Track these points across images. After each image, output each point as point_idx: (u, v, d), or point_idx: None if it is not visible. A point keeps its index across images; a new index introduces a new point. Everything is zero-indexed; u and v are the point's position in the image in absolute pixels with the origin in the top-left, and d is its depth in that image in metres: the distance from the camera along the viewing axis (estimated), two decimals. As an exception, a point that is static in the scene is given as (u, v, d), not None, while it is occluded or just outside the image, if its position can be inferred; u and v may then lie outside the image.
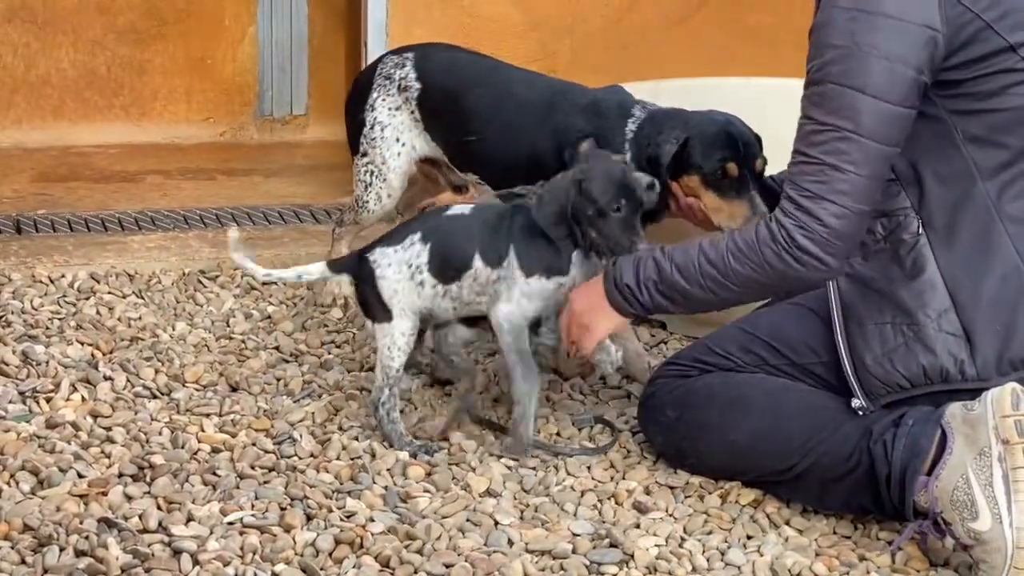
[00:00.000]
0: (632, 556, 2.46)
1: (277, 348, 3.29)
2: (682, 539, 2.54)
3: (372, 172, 3.44)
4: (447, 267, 2.79)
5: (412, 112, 3.40)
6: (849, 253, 2.51)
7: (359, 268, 2.84)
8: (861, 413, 2.58)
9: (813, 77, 2.46)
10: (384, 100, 3.42)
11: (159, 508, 2.55)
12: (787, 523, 2.62)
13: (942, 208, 2.52)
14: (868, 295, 2.58)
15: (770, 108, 3.01)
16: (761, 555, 2.49)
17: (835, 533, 2.60)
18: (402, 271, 2.80)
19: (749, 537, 2.56)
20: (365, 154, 3.46)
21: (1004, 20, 2.47)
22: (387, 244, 2.83)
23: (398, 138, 3.42)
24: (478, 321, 2.87)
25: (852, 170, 2.43)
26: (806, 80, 2.49)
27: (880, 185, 2.47)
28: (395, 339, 2.81)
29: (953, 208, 2.52)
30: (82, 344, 3.23)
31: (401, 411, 2.87)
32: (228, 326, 3.41)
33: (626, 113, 3.14)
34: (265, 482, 2.67)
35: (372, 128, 3.43)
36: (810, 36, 2.50)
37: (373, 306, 2.82)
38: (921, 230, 2.53)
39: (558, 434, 2.94)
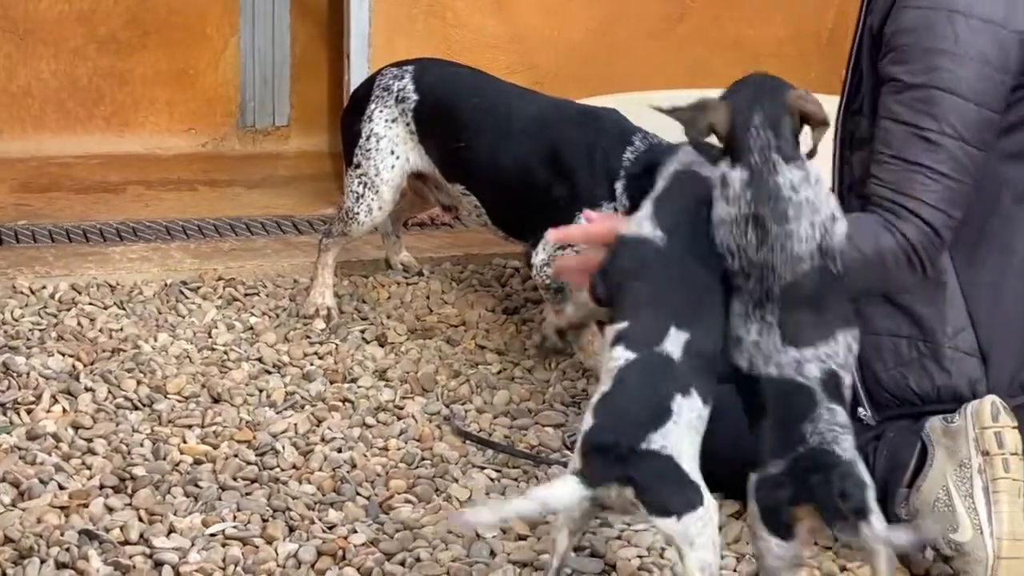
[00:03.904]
0: (614, 567, 2.46)
1: (260, 359, 3.29)
2: (663, 549, 2.54)
3: (365, 184, 3.46)
4: None
5: (408, 124, 3.43)
6: None
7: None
8: (865, 423, 2.59)
9: (910, 82, 2.39)
10: (381, 112, 3.44)
11: (140, 520, 2.55)
12: (769, 534, 2.62)
13: (967, 225, 2.50)
14: (885, 306, 2.57)
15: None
16: (743, 565, 2.49)
17: (816, 544, 2.60)
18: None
19: (730, 546, 2.57)
20: (359, 165, 3.47)
21: None
22: None
23: (393, 150, 3.44)
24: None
25: (952, 175, 2.38)
26: (897, 85, 2.41)
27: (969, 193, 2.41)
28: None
29: (978, 226, 2.51)
30: (63, 355, 3.22)
31: None
32: (210, 337, 3.41)
33: (626, 139, 3.16)
34: (247, 493, 2.67)
35: (368, 139, 3.45)
36: (892, 39, 2.43)
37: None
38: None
39: (541, 445, 2.94)
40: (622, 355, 2.12)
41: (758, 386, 2.14)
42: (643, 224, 2.21)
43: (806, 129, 2.25)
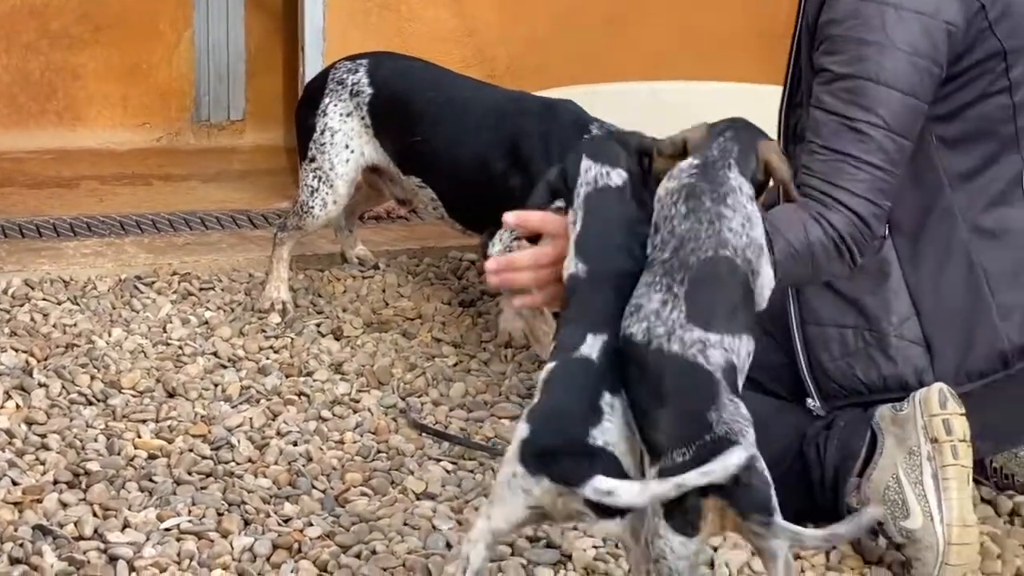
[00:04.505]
0: (570, 557, 2.47)
1: (215, 353, 3.28)
2: (618, 540, 2.55)
3: (319, 178, 3.46)
4: None
5: (363, 118, 3.43)
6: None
7: None
8: (815, 414, 2.60)
9: (839, 72, 2.40)
10: (336, 106, 3.44)
11: (95, 515, 2.54)
12: (723, 524, 2.63)
13: (909, 214, 2.51)
14: (830, 296, 2.58)
15: (707, 112, 3.03)
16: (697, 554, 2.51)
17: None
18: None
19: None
20: (313, 159, 3.47)
21: (1002, 22, 2.46)
22: None
23: (347, 144, 3.44)
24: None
25: (881, 164, 2.38)
26: (827, 75, 2.41)
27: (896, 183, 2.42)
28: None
29: (920, 214, 2.52)
30: (16, 351, 3.20)
31: None
32: (165, 332, 3.40)
33: (583, 128, 3.17)
34: (202, 488, 2.66)
35: (322, 133, 3.44)
36: (824, 29, 2.43)
37: None
38: (887, 234, 2.54)
39: (497, 437, 2.95)
40: (546, 368, 2.11)
41: (652, 365, 2.01)
42: (569, 264, 2.19)
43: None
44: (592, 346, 2.08)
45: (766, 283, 2.13)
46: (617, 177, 2.21)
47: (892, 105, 2.38)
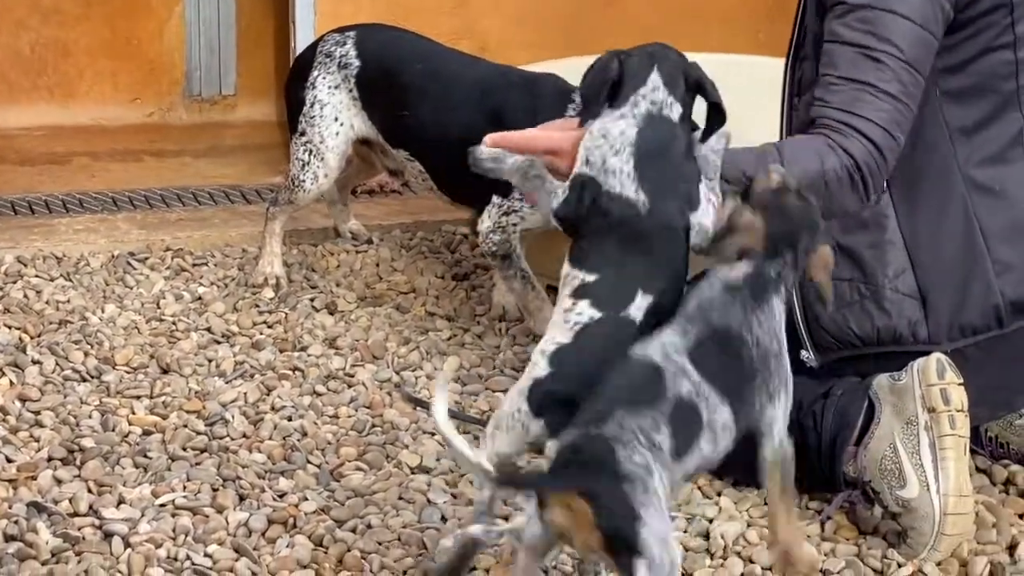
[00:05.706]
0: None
1: (208, 329, 3.27)
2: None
3: (310, 151, 3.44)
4: None
5: (351, 91, 3.41)
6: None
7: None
8: (808, 365, 2.60)
9: (854, 3, 2.39)
10: (324, 78, 3.43)
11: (89, 491, 2.54)
12: (719, 495, 2.64)
13: (907, 167, 2.52)
14: None
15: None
16: (692, 526, 2.51)
17: (766, 504, 2.61)
18: None
19: (679, 508, 2.58)
20: (303, 133, 3.45)
21: None
22: None
23: (337, 117, 3.43)
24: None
25: (898, 96, 2.38)
26: (841, 8, 2.41)
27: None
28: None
29: (918, 168, 2.52)
30: (10, 328, 3.20)
31: None
32: (158, 308, 3.39)
33: (565, 100, 3.16)
34: (197, 463, 2.66)
35: (311, 107, 3.43)
36: None
37: None
38: (885, 187, 2.53)
39: (491, 410, 2.94)
40: (586, 311, 2.07)
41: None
42: (625, 183, 2.10)
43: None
44: (640, 307, 2.06)
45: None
46: (676, 111, 2.16)
47: (907, 36, 2.38)
